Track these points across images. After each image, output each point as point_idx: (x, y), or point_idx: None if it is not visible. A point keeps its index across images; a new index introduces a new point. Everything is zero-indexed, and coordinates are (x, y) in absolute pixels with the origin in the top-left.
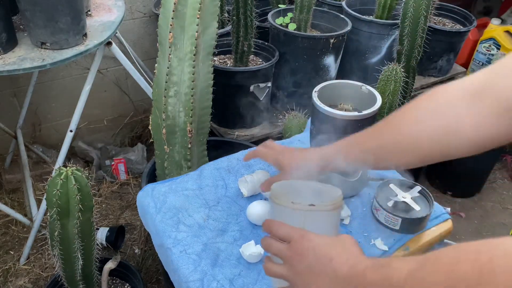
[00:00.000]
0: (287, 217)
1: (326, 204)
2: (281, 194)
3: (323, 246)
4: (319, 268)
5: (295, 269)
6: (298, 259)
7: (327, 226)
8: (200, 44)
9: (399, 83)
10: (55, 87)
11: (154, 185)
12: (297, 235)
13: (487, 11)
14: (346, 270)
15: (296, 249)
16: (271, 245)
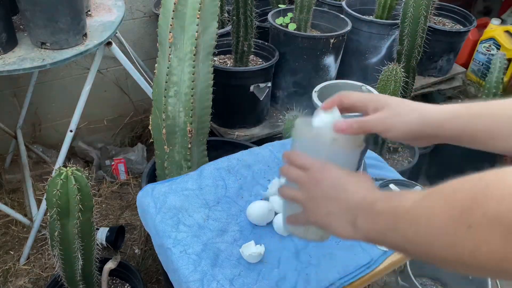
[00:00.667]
0: (308, 149)
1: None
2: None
3: (340, 177)
4: (333, 195)
5: (310, 194)
6: (314, 185)
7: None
8: (200, 44)
9: (399, 83)
10: (55, 87)
11: (154, 185)
12: (317, 164)
13: (487, 11)
14: (358, 200)
15: (314, 176)
16: (290, 171)
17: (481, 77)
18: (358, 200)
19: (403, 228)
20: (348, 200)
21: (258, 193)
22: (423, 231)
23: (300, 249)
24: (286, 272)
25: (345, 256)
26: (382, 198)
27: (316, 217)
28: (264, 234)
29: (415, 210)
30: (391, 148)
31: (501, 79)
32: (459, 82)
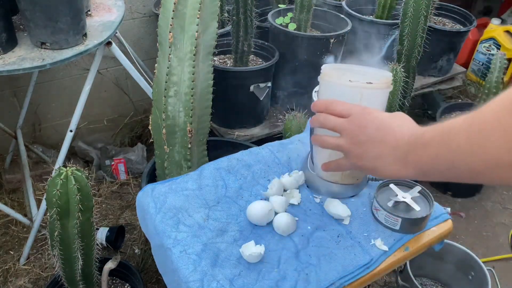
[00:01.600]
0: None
1: (381, 81)
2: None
3: (384, 118)
4: (381, 138)
5: (355, 139)
6: (359, 130)
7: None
8: (200, 44)
9: (399, 83)
10: (55, 87)
11: (154, 185)
12: (357, 109)
13: (487, 11)
14: (407, 138)
15: (358, 121)
16: (329, 119)
17: (481, 77)
18: (406, 138)
19: (456, 139)
20: (396, 139)
21: (258, 193)
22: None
23: (300, 249)
24: (286, 272)
25: (345, 256)
26: (430, 128)
27: (363, 161)
28: (264, 234)
29: (467, 119)
30: None
31: (501, 79)
32: (459, 82)
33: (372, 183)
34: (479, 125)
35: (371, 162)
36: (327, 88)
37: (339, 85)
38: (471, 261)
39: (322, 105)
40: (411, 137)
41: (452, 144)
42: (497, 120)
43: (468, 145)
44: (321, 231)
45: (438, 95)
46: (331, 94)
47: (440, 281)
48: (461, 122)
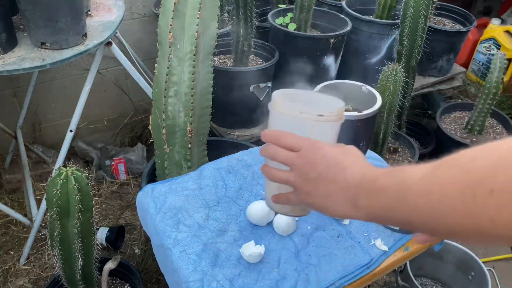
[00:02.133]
0: (293, 127)
1: (333, 113)
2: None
3: (335, 155)
4: (331, 176)
5: (306, 176)
6: (309, 167)
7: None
8: (200, 44)
9: (399, 83)
10: (55, 87)
11: (154, 185)
12: (307, 143)
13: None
14: (358, 179)
15: (308, 157)
16: (279, 153)
17: (481, 77)
18: (358, 178)
19: (413, 199)
20: (347, 179)
21: (258, 193)
22: (436, 200)
23: (300, 249)
24: (286, 272)
25: (345, 256)
26: (384, 174)
27: (312, 199)
28: (264, 234)
29: (426, 180)
30: (391, 148)
31: (501, 79)
32: (459, 82)
33: None
34: (440, 194)
35: (321, 201)
36: (277, 118)
37: (289, 116)
38: (471, 261)
39: (272, 136)
40: (363, 179)
41: (409, 204)
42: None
43: (427, 209)
44: (321, 231)
45: (438, 95)
46: (282, 125)
47: (440, 281)
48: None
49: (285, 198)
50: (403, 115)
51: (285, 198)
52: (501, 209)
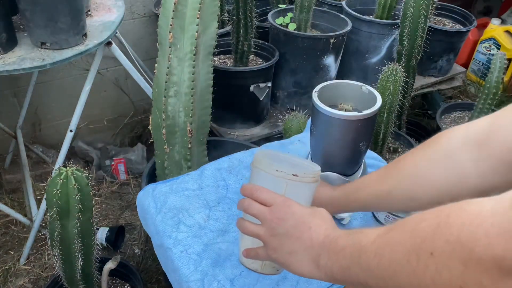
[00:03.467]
0: (268, 183)
1: (308, 175)
2: (264, 162)
3: (303, 215)
4: (297, 234)
5: (273, 231)
6: (278, 222)
7: (304, 197)
8: (200, 44)
9: (399, 83)
10: (55, 87)
11: (155, 185)
12: (279, 200)
13: (487, 11)
14: (321, 239)
15: (278, 212)
16: (252, 206)
17: (481, 77)
18: (321, 238)
19: (367, 260)
20: (311, 239)
21: None
22: (387, 261)
23: None
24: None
25: None
26: (344, 235)
27: (277, 255)
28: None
29: (379, 241)
30: (391, 148)
31: (501, 79)
32: (459, 82)
33: None
34: (389, 256)
35: (285, 257)
36: (256, 174)
37: (266, 173)
38: None
39: (248, 190)
40: (326, 239)
41: (363, 264)
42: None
43: (379, 270)
44: None
45: (438, 95)
46: (259, 181)
47: None
48: (371, 242)
49: (254, 252)
50: (403, 115)
51: (255, 252)
52: (440, 270)
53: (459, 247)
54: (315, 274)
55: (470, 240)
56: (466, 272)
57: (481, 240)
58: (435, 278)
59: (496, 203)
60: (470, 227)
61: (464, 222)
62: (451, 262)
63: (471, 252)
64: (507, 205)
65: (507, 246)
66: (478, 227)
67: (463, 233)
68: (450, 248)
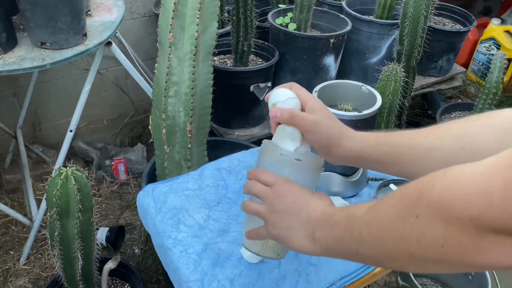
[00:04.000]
0: (273, 167)
1: (310, 161)
2: (270, 146)
3: (302, 193)
4: (295, 210)
5: (273, 208)
6: (277, 199)
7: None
8: (200, 44)
9: (399, 83)
10: (55, 87)
11: (155, 185)
12: (281, 180)
13: (487, 11)
14: (317, 214)
15: (278, 190)
16: (255, 186)
17: (481, 77)
18: (318, 214)
19: (358, 229)
20: (309, 214)
21: None
22: (376, 228)
23: None
24: (286, 272)
25: None
26: (340, 209)
27: (277, 231)
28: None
29: (369, 211)
30: None
31: (501, 79)
32: (459, 82)
33: (372, 183)
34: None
35: (284, 232)
36: (262, 160)
37: (271, 157)
38: None
39: (252, 173)
40: (323, 214)
41: (355, 233)
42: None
43: (369, 237)
44: None
45: (438, 95)
46: (265, 165)
47: (440, 281)
48: (363, 213)
49: (255, 232)
50: (403, 115)
51: (256, 232)
52: (424, 231)
53: (440, 207)
54: (311, 247)
55: (450, 201)
56: (447, 231)
57: (459, 201)
58: (420, 239)
59: (474, 167)
60: (450, 189)
61: (445, 185)
62: (434, 222)
63: (450, 212)
64: (484, 168)
65: (483, 206)
66: (457, 189)
67: (443, 195)
68: (432, 209)
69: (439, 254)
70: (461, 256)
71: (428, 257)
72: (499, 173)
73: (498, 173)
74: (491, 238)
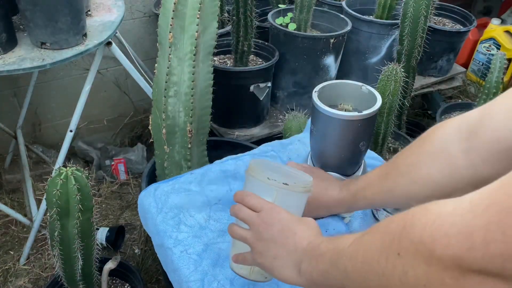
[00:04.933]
0: (260, 190)
1: (298, 185)
2: (258, 169)
3: (290, 221)
4: (282, 240)
5: (260, 236)
6: (264, 227)
7: (294, 206)
8: (200, 44)
9: (399, 83)
10: (55, 87)
11: (158, 185)
12: (268, 206)
13: (487, 11)
14: (305, 245)
15: (265, 218)
16: (241, 211)
17: (481, 77)
18: (304, 245)
19: (343, 263)
20: (295, 245)
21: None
22: (360, 263)
23: None
24: None
25: None
26: (327, 240)
27: (263, 259)
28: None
29: (354, 245)
30: (391, 148)
31: (501, 79)
32: (459, 82)
33: None
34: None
35: (269, 262)
36: (249, 181)
37: (258, 180)
38: None
39: (239, 196)
40: (309, 245)
41: (340, 267)
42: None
43: (353, 272)
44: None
45: (438, 95)
46: (252, 188)
47: None
48: (348, 245)
49: (242, 257)
50: (403, 115)
51: (242, 257)
52: (406, 270)
53: (422, 247)
54: (296, 279)
55: (431, 240)
56: (429, 271)
57: (441, 240)
58: (402, 278)
59: (456, 204)
60: (432, 227)
61: (426, 223)
62: (415, 261)
63: (432, 252)
64: (466, 206)
65: (464, 247)
66: (439, 227)
67: (425, 233)
68: (414, 248)
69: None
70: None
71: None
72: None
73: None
74: (474, 279)
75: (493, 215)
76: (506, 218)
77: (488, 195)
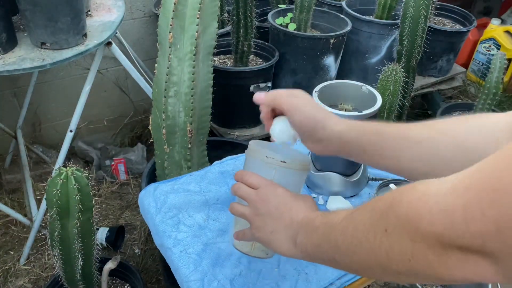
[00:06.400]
0: (259, 169)
1: (296, 163)
2: (257, 149)
3: (286, 197)
4: (278, 214)
5: (257, 211)
6: (261, 203)
7: (292, 184)
8: (200, 44)
9: (399, 83)
10: (55, 87)
11: (157, 185)
12: (265, 183)
13: (487, 11)
14: (300, 219)
15: (262, 194)
16: (240, 188)
17: (481, 77)
18: (300, 218)
19: (334, 237)
20: (291, 218)
21: None
22: (350, 238)
23: None
24: (286, 271)
25: None
26: (320, 215)
27: (261, 233)
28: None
29: (346, 220)
30: None
31: (501, 79)
32: (459, 82)
33: (372, 183)
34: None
35: (267, 236)
36: (248, 161)
37: (257, 159)
38: None
39: (239, 175)
40: (304, 219)
41: (331, 240)
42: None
43: (344, 246)
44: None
45: (438, 95)
46: (251, 167)
47: None
48: (340, 221)
49: (242, 233)
50: (403, 115)
51: (242, 233)
52: (392, 245)
53: (407, 223)
54: (292, 252)
55: (416, 217)
56: (414, 247)
57: (425, 218)
58: (389, 253)
59: (441, 183)
60: (417, 205)
61: (412, 200)
62: (401, 237)
63: (416, 228)
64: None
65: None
66: (424, 205)
67: (410, 210)
68: (400, 224)
69: (407, 267)
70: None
71: (398, 270)
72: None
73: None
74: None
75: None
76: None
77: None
